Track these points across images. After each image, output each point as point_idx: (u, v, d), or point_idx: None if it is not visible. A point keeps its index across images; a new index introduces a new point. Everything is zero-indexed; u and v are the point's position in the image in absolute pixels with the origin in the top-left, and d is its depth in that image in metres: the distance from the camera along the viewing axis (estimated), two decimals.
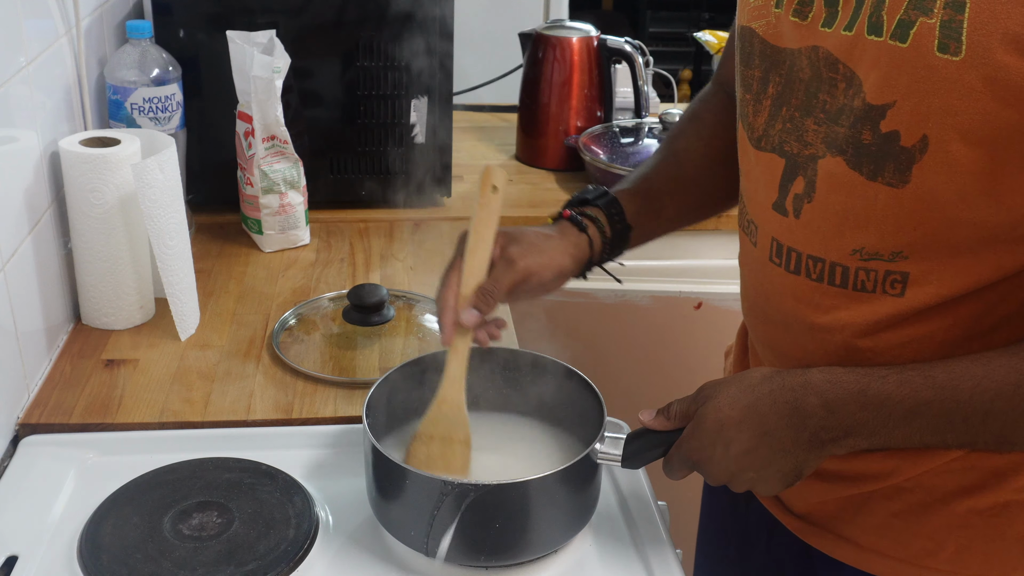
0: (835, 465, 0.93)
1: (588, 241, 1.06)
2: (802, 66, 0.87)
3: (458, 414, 0.98)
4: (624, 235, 1.08)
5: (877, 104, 0.81)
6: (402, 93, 1.62)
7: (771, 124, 0.91)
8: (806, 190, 0.88)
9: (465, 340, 0.98)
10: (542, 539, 0.94)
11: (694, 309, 1.74)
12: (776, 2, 0.89)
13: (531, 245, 1.01)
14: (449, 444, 0.98)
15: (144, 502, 0.99)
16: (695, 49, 4.02)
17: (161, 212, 1.22)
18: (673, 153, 1.14)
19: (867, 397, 0.84)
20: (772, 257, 0.93)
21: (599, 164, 1.77)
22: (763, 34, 0.91)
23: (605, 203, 1.08)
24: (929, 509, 0.91)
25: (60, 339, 1.27)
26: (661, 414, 0.93)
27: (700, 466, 0.90)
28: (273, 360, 1.25)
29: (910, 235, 0.83)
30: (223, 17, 1.54)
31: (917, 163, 0.80)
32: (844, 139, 0.84)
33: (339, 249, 1.56)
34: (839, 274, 0.87)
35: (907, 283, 0.85)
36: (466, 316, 0.96)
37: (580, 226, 1.06)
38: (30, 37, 1.19)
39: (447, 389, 0.98)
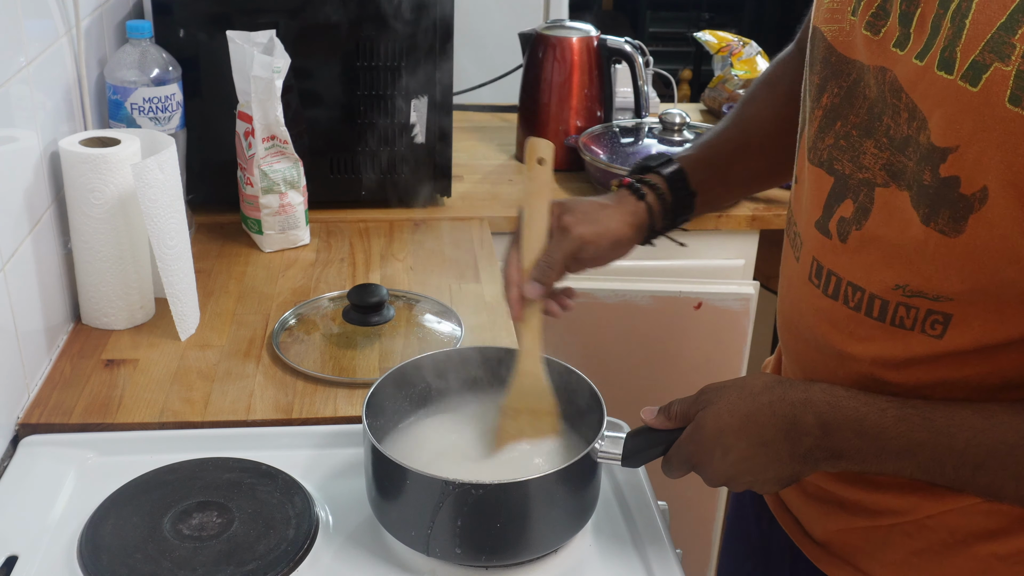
0: (855, 495, 0.92)
1: (647, 208, 1.05)
2: (869, 83, 0.82)
3: (539, 384, 1.00)
4: (688, 201, 1.07)
5: (940, 146, 0.76)
6: (402, 93, 1.62)
7: (821, 137, 0.88)
8: (856, 216, 0.85)
9: (535, 312, 0.99)
10: (542, 539, 0.94)
11: (694, 309, 1.74)
12: (853, 9, 0.84)
13: (585, 214, 1.01)
14: (537, 415, 1.00)
15: (144, 502, 0.99)
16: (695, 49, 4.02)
17: (161, 212, 1.22)
18: (741, 119, 1.12)
19: (863, 426, 0.83)
20: (812, 277, 0.90)
21: (599, 164, 1.78)
22: (831, 39, 0.86)
23: (667, 171, 1.06)
24: (951, 549, 0.89)
25: (60, 339, 1.27)
26: (662, 413, 0.92)
27: (698, 468, 0.91)
28: (273, 360, 1.25)
29: (957, 285, 0.79)
30: (223, 17, 1.54)
31: (974, 213, 0.76)
32: (911, 174, 0.80)
33: (339, 249, 1.56)
34: (878, 307, 0.85)
35: (948, 325, 0.81)
36: (529, 289, 0.97)
37: (638, 194, 1.05)
38: (30, 37, 1.19)
39: (525, 362, 0.99)
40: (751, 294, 1.73)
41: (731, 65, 2.24)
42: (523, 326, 0.99)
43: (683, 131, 1.84)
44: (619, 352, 1.77)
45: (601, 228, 1.01)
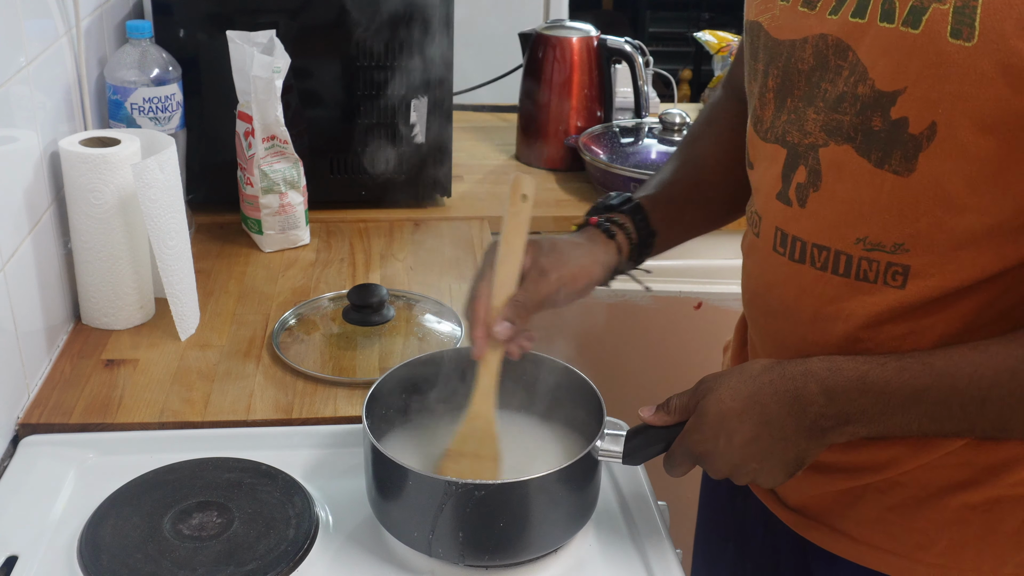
0: (831, 457, 0.93)
1: (616, 248, 1.05)
2: (804, 56, 0.87)
3: (488, 429, 0.97)
4: (649, 241, 1.08)
5: (888, 91, 0.81)
6: (402, 93, 1.62)
7: (777, 116, 0.92)
8: (810, 179, 0.89)
9: (496, 353, 0.96)
10: (543, 538, 0.94)
11: (694, 309, 1.74)
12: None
13: (562, 255, 1.00)
14: (479, 461, 0.97)
15: (144, 502, 0.99)
16: (695, 49, 4.02)
17: (161, 212, 1.22)
18: (691, 158, 1.14)
19: (866, 384, 0.84)
20: (776, 247, 0.93)
21: (599, 164, 1.77)
22: (767, 27, 0.91)
23: (631, 209, 1.07)
24: (923, 504, 0.92)
25: (60, 339, 1.27)
26: (661, 409, 0.93)
27: (703, 459, 0.90)
28: (273, 360, 1.25)
29: (913, 225, 0.83)
30: (223, 17, 1.54)
31: (924, 151, 0.80)
32: (851, 126, 0.84)
33: (339, 249, 1.56)
34: (843, 263, 0.88)
35: (908, 275, 0.85)
36: (499, 329, 0.95)
37: (608, 233, 1.05)
38: (30, 37, 1.19)
39: (479, 404, 0.97)
40: None
41: (731, 65, 2.23)
42: (482, 366, 0.97)
43: (683, 131, 1.84)
44: (619, 352, 1.77)
45: (577, 269, 1.00)
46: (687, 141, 1.16)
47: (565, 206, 1.77)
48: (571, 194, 1.82)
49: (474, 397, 0.97)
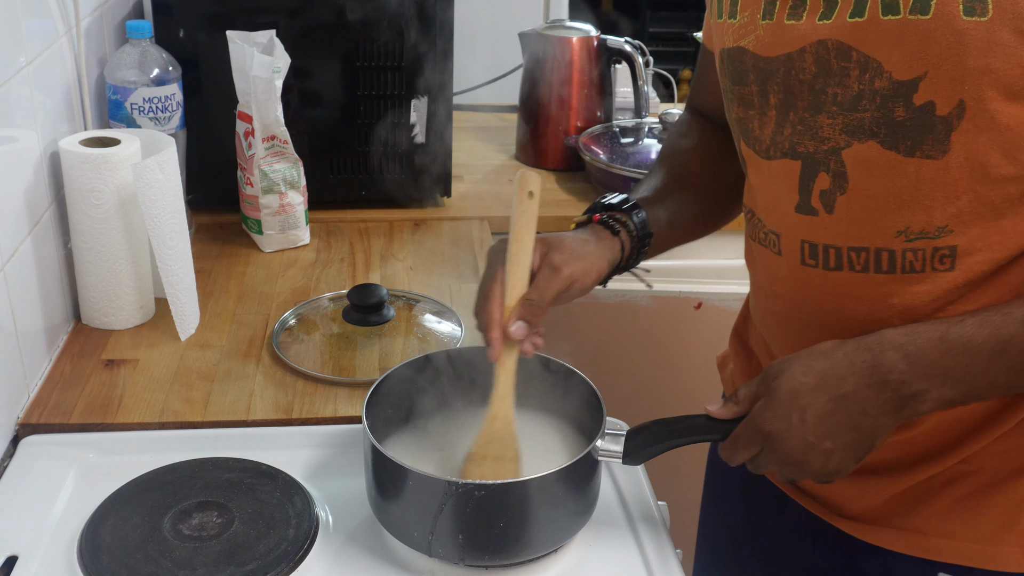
0: (888, 455, 0.92)
1: (620, 245, 1.04)
2: (804, 66, 0.87)
3: (508, 430, 0.97)
4: (646, 242, 1.07)
5: (907, 79, 0.81)
6: (402, 93, 1.62)
7: (779, 132, 0.91)
8: (835, 183, 0.88)
9: (512, 354, 0.96)
10: (543, 538, 0.94)
11: (694, 309, 1.74)
12: (764, 14, 0.90)
13: (572, 252, 0.99)
14: (501, 463, 0.97)
15: (144, 502, 0.99)
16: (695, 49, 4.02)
17: (161, 212, 1.22)
18: (672, 168, 1.14)
19: (948, 343, 0.82)
20: (805, 260, 0.92)
21: (599, 164, 1.77)
22: (753, 48, 0.91)
23: (630, 208, 1.07)
24: (995, 489, 0.91)
25: (60, 339, 1.27)
26: (729, 401, 0.90)
27: (772, 439, 0.87)
28: (273, 360, 1.25)
29: (955, 205, 0.83)
30: (223, 17, 1.54)
31: (956, 130, 0.80)
32: (872, 122, 0.84)
33: (339, 249, 1.56)
34: (886, 259, 0.87)
35: (956, 256, 0.84)
36: (515, 329, 0.94)
37: (612, 229, 1.05)
38: (30, 37, 1.19)
39: (498, 405, 0.96)
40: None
41: None
42: (499, 367, 0.96)
43: None
44: (619, 352, 1.77)
45: (588, 265, 1.00)
46: (666, 154, 1.16)
47: (565, 206, 1.77)
48: (571, 194, 1.82)
49: (493, 399, 0.96)
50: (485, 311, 0.95)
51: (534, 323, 0.95)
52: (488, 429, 0.97)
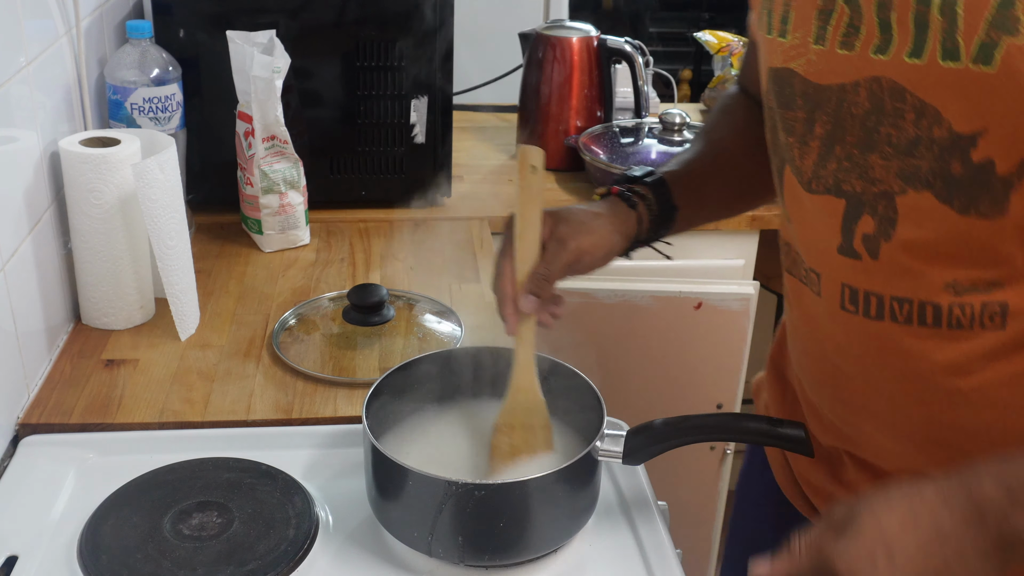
0: None
1: (637, 218, 1.04)
2: (857, 100, 0.81)
3: (534, 399, 0.99)
4: (670, 215, 1.06)
5: (966, 133, 0.75)
6: (402, 93, 1.62)
7: (822, 165, 0.85)
8: (881, 229, 0.82)
9: (529, 325, 0.97)
10: (543, 538, 0.94)
11: (694, 309, 1.74)
12: (816, 38, 0.82)
13: (581, 224, 0.99)
14: (531, 430, 0.99)
15: (144, 502, 0.99)
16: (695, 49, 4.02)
17: (161, 212, 1.22)
18: (710, 143, 1.12)
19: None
20: (845, 305, 0.86)
21: (599, 164, 1.77)
22: (804, 73, 0.84)
23: (653, 182, 1.06)
24: None
25: (60, 339, 1.27)
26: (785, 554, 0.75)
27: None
28: (273, 360, 1.25)
29: (1009, 263, 0.77)
30: (223, 17, 1.54)
31: (1016, 190, 0.74)
32: (929, 172, 0.78)
33: (339, 249, 1.56)
34: (930, 313, 0.81)
35: (1007, 314, 0.79)
36: (524, 303, 0.95)
37: (630, 203, 1.04)
38: (30, 37, 1.19)
39: (520, 377, 0.98)
40: (751, 294, 1.73)
41: (731, 65, 2.23)
42: (518, 340, 0.98)
43: (683, 131, 1.84)
44: (619, 352, 1.77)
45: (597, 238, 0.99)
46: (706, 128, 1.15)
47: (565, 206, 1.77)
48: (571, 194, 1.82)
49: (514, 372, 0.98)
50: (498, 287, 0.97)
51: (543, 296, 0.96)
52: (512, 400, 0.99)
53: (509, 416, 0.99)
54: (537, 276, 0.96)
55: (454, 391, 1.06)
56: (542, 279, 0.96)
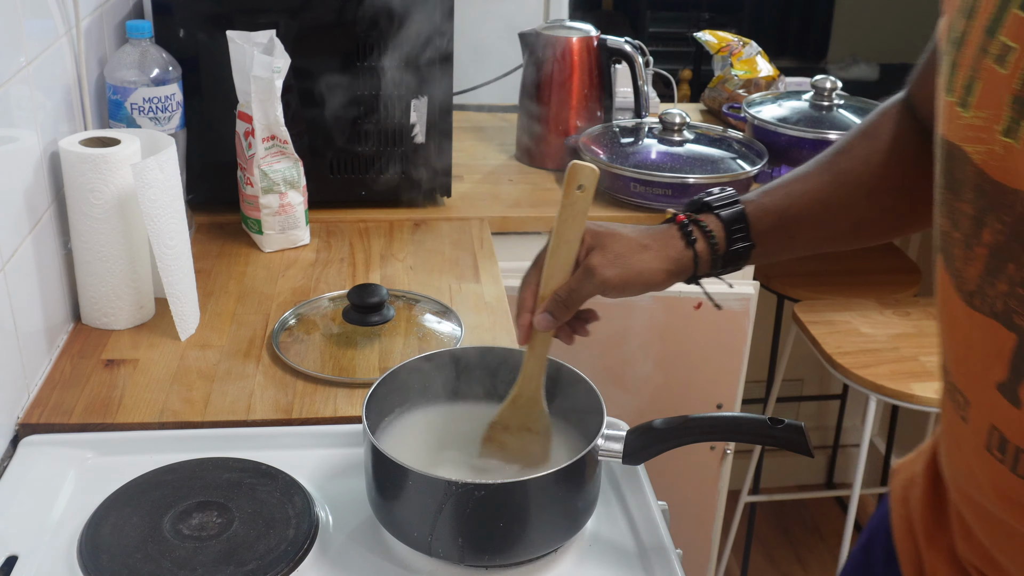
0: None
1: (693, 257, 0.95)
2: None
3: (533, 407, 0.99)
4: (743, 253, 0.97)
5: None
6: (402, 93, 1.62)
7: (989, 281, 0.68)
8: None
9: (543, 340, 0.96)
10: (544, 538, 0.94)
11: (694, 309, 1.74)
12: (1006, 129, 0.64)
13: (618, 257, 0.93)
14: (527, 433, 0.99)
15: (144, 502, 0.99)
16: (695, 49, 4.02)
17: (161, 212, 1.22)
18: (832, 172, 0.97)
19: None
20: (991, 449, 0.70)
21: (599, 164, 1.77)
22: (981, 164, 0.67)
23: (730, 216, 0.96)
24: None
25: (60, 339, 1.27)
26: None
27: None
28: (273, 360, 1.25)
29: None
30: (223, 17, 1.54)
31: None
32: None
33: (339, 249, 1.56)
34: None
35: None
36: (539, 320, 0.94)
37: (688, 238, 0.95)
38: (30, 37, 1.19)
39: (522, 385, 0.98)
40: (751, 294, 1.73)
41: (731, 65, 2.23)
42: (528, 350, 0.97)
43: (683, 131, 1.84)
44: (619, 352, 1.76)
45: (631, 274, 0.93)
46: (836, 150, 0.98)
47: None
48: None
49: (518, 379, 0.98)
50: (520, 296, 0.95)
51: (559, 319, 0.93)
52: (510, 404, 0.99)
53: (506, 417, 1.00)
54: (558, 299, 0.93)
55: (454, 391, 1.06)
56: (561, 304, 0.93)
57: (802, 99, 1.97)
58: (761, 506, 2.55)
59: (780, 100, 2.00)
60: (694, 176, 1.73)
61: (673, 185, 1.73)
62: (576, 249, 0.93)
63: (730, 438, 1.01)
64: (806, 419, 2.52)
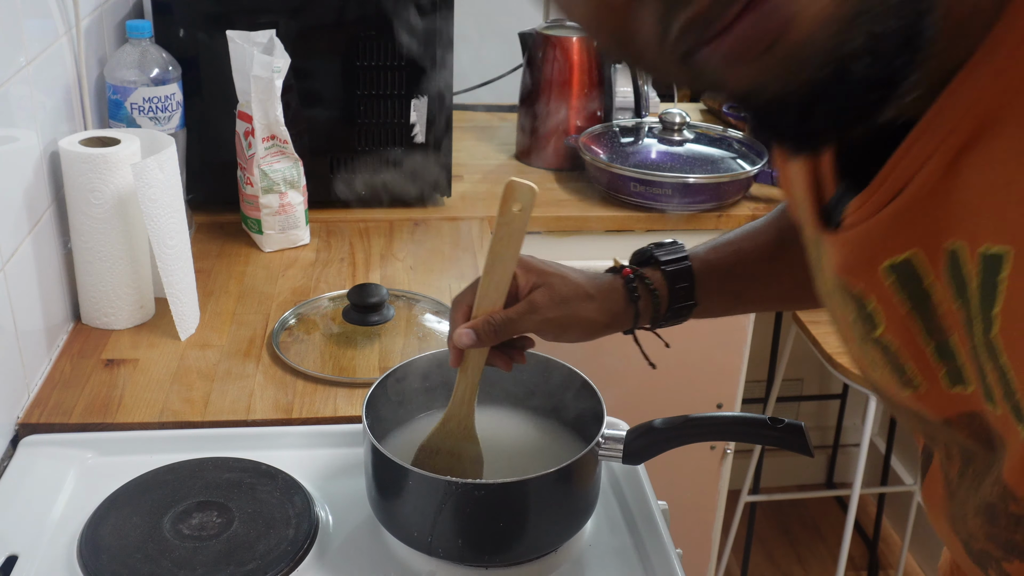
0: None
1: (634, 313, 0.95)
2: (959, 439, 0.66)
3: (464, 433, 0.96)
4: (683, 311, 0.96)
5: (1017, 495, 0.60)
6: (402, 93, 1.62)
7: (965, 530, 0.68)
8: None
9: (476, 362, 0.93)
10: (544, 538, 0.94)
11: None
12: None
13: (562, 301, 0.91)
14: (457, 459, 0.97)
15: (144, 502, 0.99)
16: None
17: (161, 212, 1.22)
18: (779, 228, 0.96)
19: None
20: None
21: (599, 164, 1.77)
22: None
23: (673, 272, 0.95)
24: None
25: (60, 339, 1.27)
26: None
27: None
28: (273, 360, 1.25)
29: None
30: (223, 17, 1.54)
31: None
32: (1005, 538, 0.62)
33: (339, 249, 1.56)
34: None
35: None
36: (460, 335, 0.90)
37: (631, 295, 0.95)
38: (30, 37, 1.19)
39: (453, 408, 0.96)
40: None
41: None
42: (460, 372, 0.94)
43: (683, 131, 1.84)
44: (619, 352, 1.76)
45: (572, 320, 0.92)
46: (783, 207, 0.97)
47: (565, 206, 1.77)
48: (571, 194, 1.82)
49: (450, 403, 0.95)
50: (452, 316, 0.93)
51: (483, 342, 0.90)
52: (441, 427, 0.96)
53: (436, 440, 0.96)
54: (489, 323, 0.90)
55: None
56: (492, 329, 0.90)
57: None
58: (761, 506, 2.55)
59: None
60: (694, 176, 1.73)
61: (673, 185, 1.73)
62: (512, 270, 0.90)
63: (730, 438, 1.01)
64: (806, 419, 2.52)
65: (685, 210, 1.74)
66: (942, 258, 0.58)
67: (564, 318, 0.92)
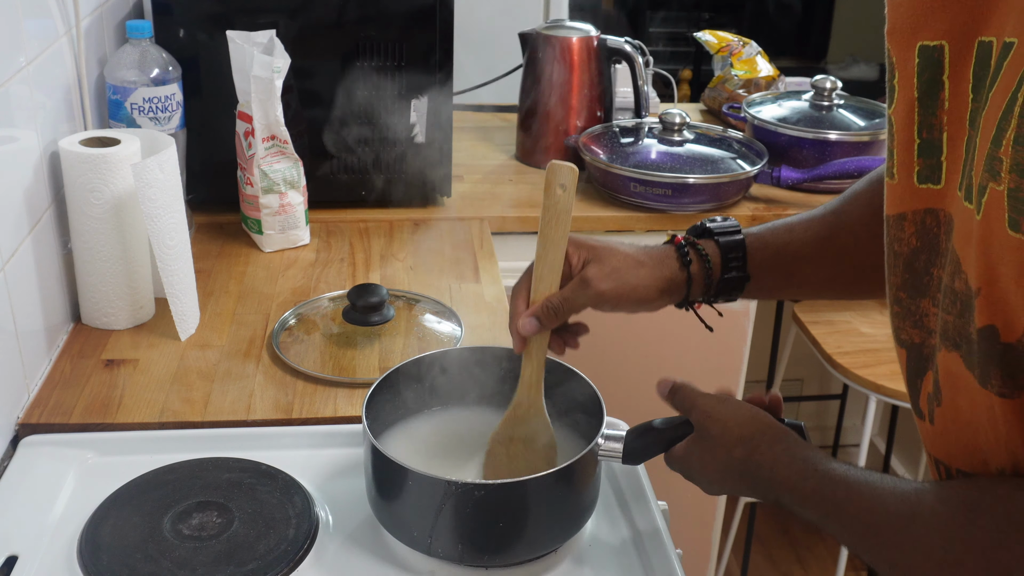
0: None
1: (687, 279, 0.96)
2: (900, 236, 0.72)
3: (535, 417, 0.97)
4: (737, 283, 0.97)
5: (973, 289, 0.63)
6: (402, 93, 1.62)
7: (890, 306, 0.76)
8: (935, 391, 0.70)
9: (539, 346, 0.95)
10: (543, 538, 0.94)
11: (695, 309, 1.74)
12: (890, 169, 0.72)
13: (614, 271, 0.93)
14: (530, 445, 0.98)
15: (144, 502, 0.99)
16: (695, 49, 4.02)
17: (161, 212, 1.22)
18: (836, 213, 0.97)
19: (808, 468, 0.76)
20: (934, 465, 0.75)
21: (599, 164, 1.78)
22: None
23: (727, 242, 0.96)
24: None
25: (60, 339, 1.27)
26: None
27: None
28: (273, 360, 1.25)
29: None
30: (223, 17, 1.54)
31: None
32: (955, 330, 0.66)
33: (339, 249, 1.56)
34: None
35: None
36: (524, 324, 0.92)
37: (684, 260, 0.96)
38: (30, 37, 1.19)
39: (521, 393, 0.97)
40: None
41: (731, 65, 2.23)
42: (524, 357, 0.96)
43: (683, 131, 1.84)
44: (619, 352, 1.77)
45: (625, 289, 0.93)
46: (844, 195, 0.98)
47: None
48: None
49: (518, 387, 0.98)
50: (511, 303, 0.95)
51: (545, 325, 0.93)
52: (512, 414, 0.98)
53: (508, 428, 0.98)
54: (548, 307, 0.92)
55: (454, 391, 1.06)
56: (551, 311, 0.92)
57: (802, 99, 1.97)
58: (761, 506, 2.55)
59: (780, 100, 2.00)
60: (694, 176, 1.73)
61: (673, 185, 1.73)
62: (563, 251, 0.92)
63: None
64: (806, 419, 2.52)
65: (685, 210, 1.74)
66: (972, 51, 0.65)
67: (618, 288, 0.93)
